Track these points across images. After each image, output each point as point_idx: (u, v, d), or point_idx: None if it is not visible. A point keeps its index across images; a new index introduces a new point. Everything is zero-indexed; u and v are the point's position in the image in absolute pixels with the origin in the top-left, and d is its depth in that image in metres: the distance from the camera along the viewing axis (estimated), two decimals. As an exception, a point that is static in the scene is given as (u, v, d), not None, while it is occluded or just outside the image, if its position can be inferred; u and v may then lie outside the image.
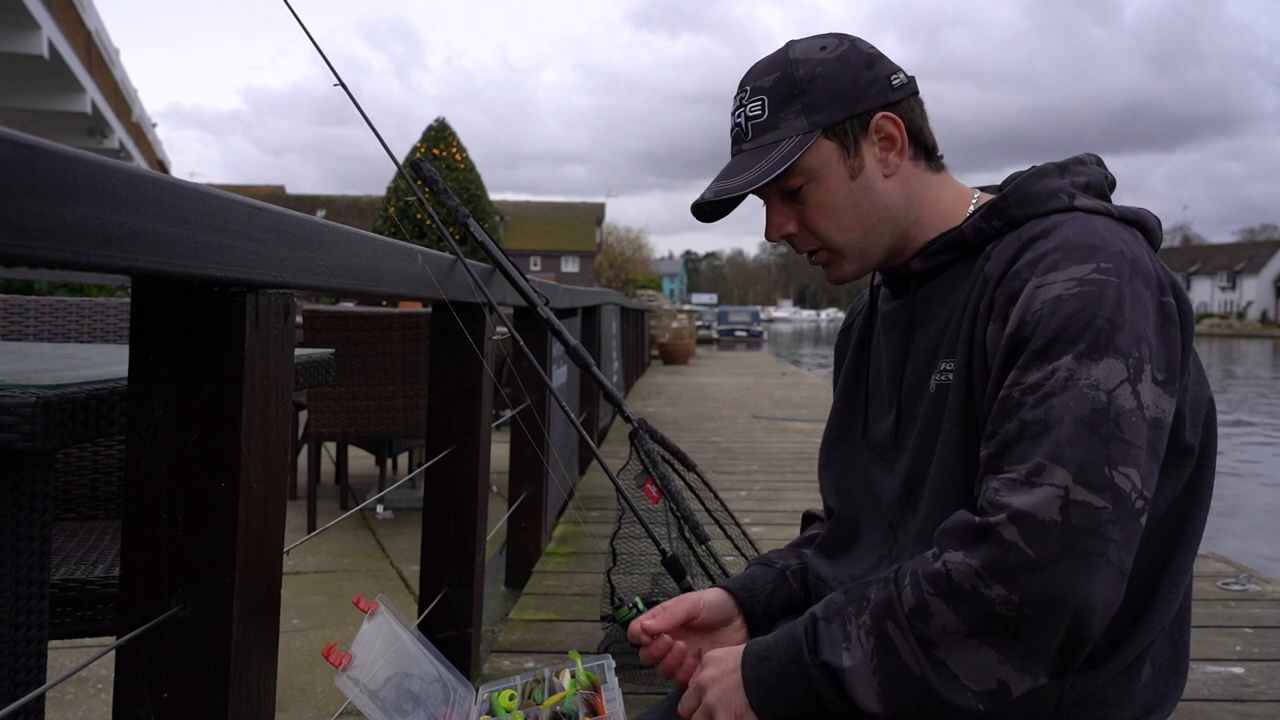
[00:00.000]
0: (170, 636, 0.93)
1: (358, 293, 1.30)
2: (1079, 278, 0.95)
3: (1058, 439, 0.89)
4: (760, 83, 1.11)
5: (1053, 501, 0.88)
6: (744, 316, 44.01)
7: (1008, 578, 0.87)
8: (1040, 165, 1.11)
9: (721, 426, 7.55)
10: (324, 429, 4.30)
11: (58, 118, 17.48)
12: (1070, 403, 0.90)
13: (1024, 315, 0.95)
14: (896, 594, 0.94)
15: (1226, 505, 7.06)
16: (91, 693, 2.55)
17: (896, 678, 0.92)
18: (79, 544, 1.71)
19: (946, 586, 0.90)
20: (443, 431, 2.07)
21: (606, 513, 3.89)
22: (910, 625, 0.92)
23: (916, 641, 0.91)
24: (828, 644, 0.96)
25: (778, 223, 1.13)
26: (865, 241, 1.12)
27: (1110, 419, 0.90)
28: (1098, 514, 0.87)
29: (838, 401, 1.28)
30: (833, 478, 1.26)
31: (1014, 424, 0.93)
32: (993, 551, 0.88)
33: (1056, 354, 0.92)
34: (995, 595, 0.88)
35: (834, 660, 0.95)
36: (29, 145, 0.59)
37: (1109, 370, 0.91)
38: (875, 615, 0.94)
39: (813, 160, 1.09)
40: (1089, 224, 1.00)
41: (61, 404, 0.96)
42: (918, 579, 0.93)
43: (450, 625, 2.05)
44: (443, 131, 15.41)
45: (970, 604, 0.89)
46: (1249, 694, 2.25)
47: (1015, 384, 0.94)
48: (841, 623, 0.97)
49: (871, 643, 0.94)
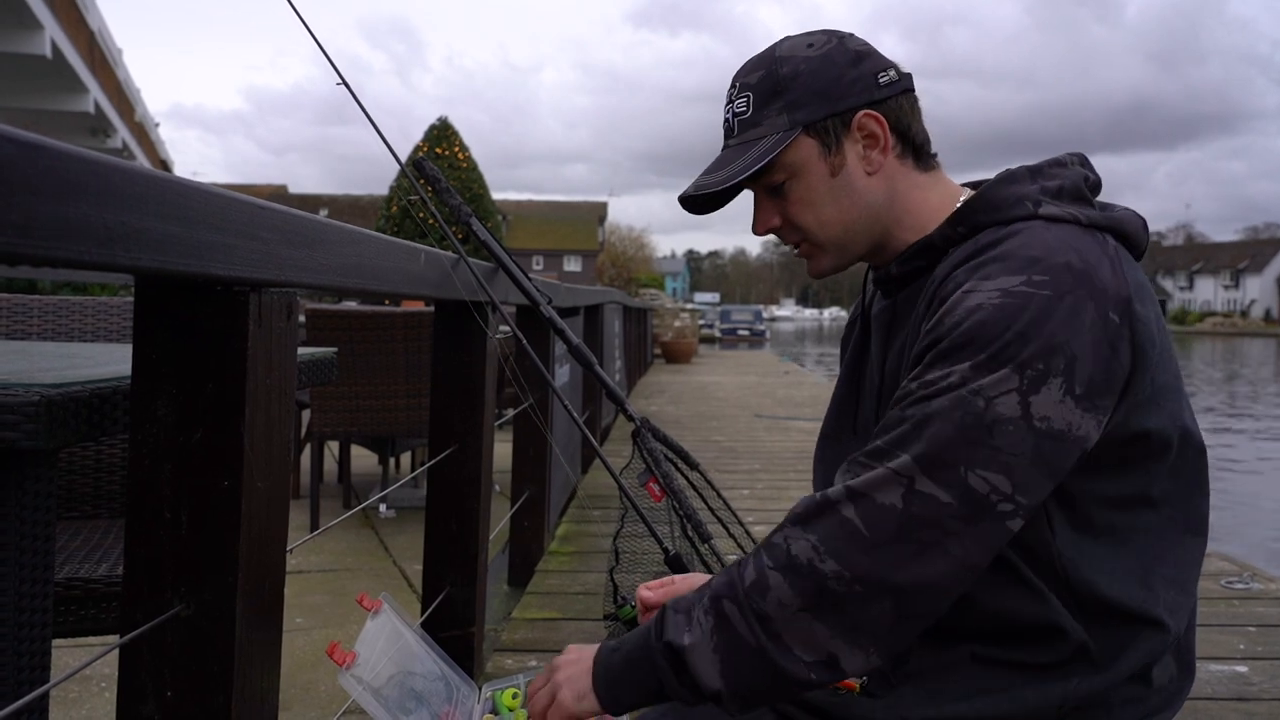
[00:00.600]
0: (173, 635, 0.93)
1: (360, 292, 1.31)
2: (1005, 289, 0.94)
3: (919, 433, 0.92)
4: (747, 79, 1.13)
5: (893, 486, 0.91)
6: (746, 315, 43.95)
7: (841, 554, 0.91)
8: (1013, 169, 1.10)
9: (724, 425, 7.55)
10: (327, 428, 4.30)
11: (60, 117, 17.49)
12: (946, 404, 0.92)
13: (942, 318, 0.97)
14: (738, 574, 0.97)
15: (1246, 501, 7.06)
16: (95, 691, 2.55)
17: (735, 652, 0.95)
18: (82, 543, 1.71)
19: (785, 560, 0.94)
20: (445, 430, 2.07)
21: (609, 511, 3.88)
22: (748, 600, 0.95)
23: (754, 617, 0.94)
24: (671, 627, 0.99)
25: (763, 217, 1.16)
26: (844, 237, 1.13)
27: (983, 425, 0.91)
28: (941, 508, 0.91)
29: (834, 397, 1.29)
30: (823, 474, 1.26)
31: (894, 415, 0.96)
32: (829, 527, 0.93)
33: (956, 360, 0.94)
34: (828, 569, 0.92)
35: (675, 639, 0.98)
36: (32, 144, 0.59)
37: (999, 380, 0.92)
38: (714, 596, 0.97)
39: (793, 157, 1.10)
40: (1042, 234, 0.99)
41: (65, 403, 0.96)
42: (758, 553, 0.97)
43: (453, 624, 2.05)
44: (445, 131, 15.42)
45: (805, 577, 0.93)
46: (1253, 692, 2.25)
47: (914, 379, 0.97)
48: (686, 608, 1.00)
49: (710, 621, 0.96)
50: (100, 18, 18.60)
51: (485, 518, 2.14)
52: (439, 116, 15.63)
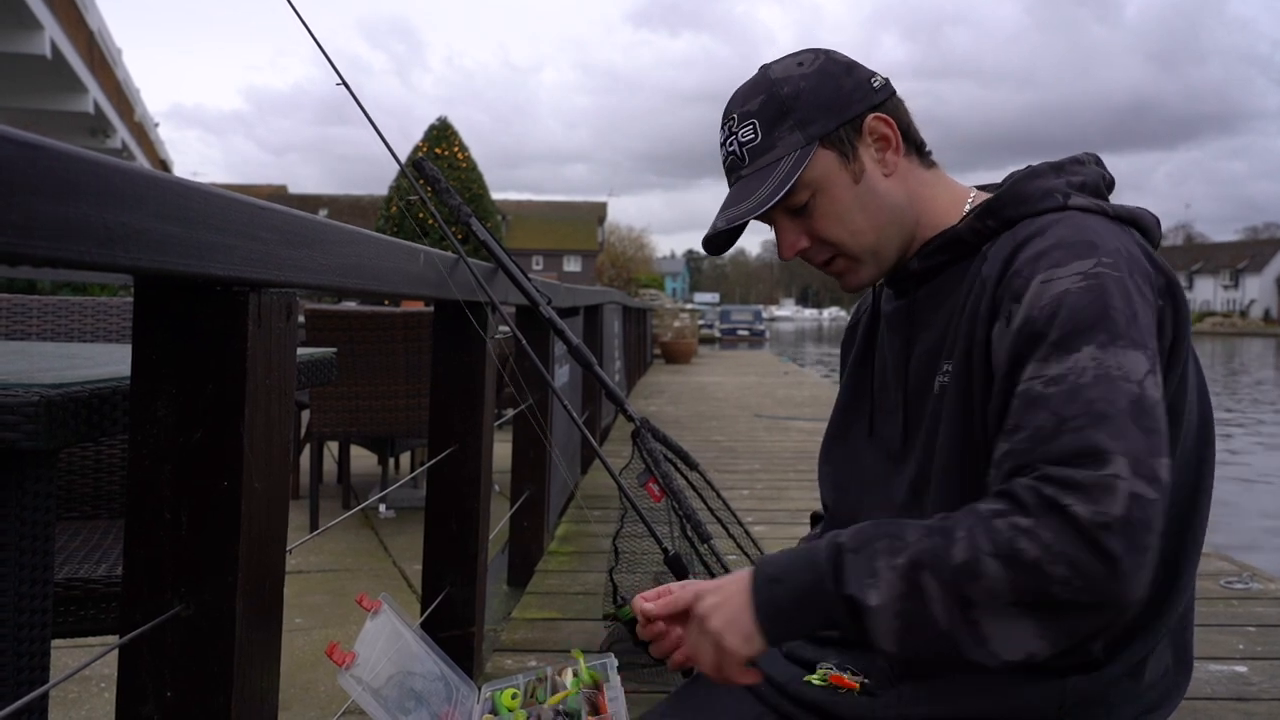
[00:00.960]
0: (173, 635, 0.93)
1: (360, 292, 1.31)
2: (1084, 271, 0.95)
3: (1108, 433, 0.86)
4: (747, 108, 1.12)
5: (1121, 496, 0.84)
6: (746, 315, 43.97)
7: (1078, 567, 0.83)
8: (1036, 165, 1.11)
9: (724, 425, 7.55)
10: (326, 428, 4.30)
11: (60, 118, 17.49)
12: (1109, 395, 0.88)
13: (1031, 310, 0.95)
14: (944, 545, 0.88)
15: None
16: (95, 691, 2.55)
17: (920, 626, 0.89)
18: (82, 543, 1.71)
19: (1010, 554, 0.85)
20: (445, 431, 2.08)
21: (609, 512, 3.88)
22: (953, 579, 0.87)
23: (955, 598, 0.87)
24: (853, 577, 0.92)
25: (789, 240, 1.14)
26: (878, 243, 1.12)
27: (1146, 410, 0.88)
28: (1150, 506, 0.85)
29: (841, 400, 1.28)
30: (832, 475, 1.26)
31: (1049, 418, 0.89)
32: (1066, 535, 0.84)
33: (1076, 345, 0.91)
34: (1057, 575, 0.84)
35: (858, 594, 0.91)
36: (32, 144, 0.59)
37: (1134, 361, 0.90)
38: (912, 561, 0.89)
39: (815, 172, 1.09)
40: (1084, 222, 1.01)
41: (64, 403, 0.96)
42: (974, 535, 0.87)
43: (453, 624, 2.05)
44: (445, 131, 15.42)
45: (1029, 575, 0.85)
46: (1252, 692, 2.25)
47: (1036, 377, 0.92)
48: (869, 557, 0.92)
49: (902, 587, 0.89)
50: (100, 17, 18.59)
51: (485, 518, 2.14)
52: (439, 116, 15.63)
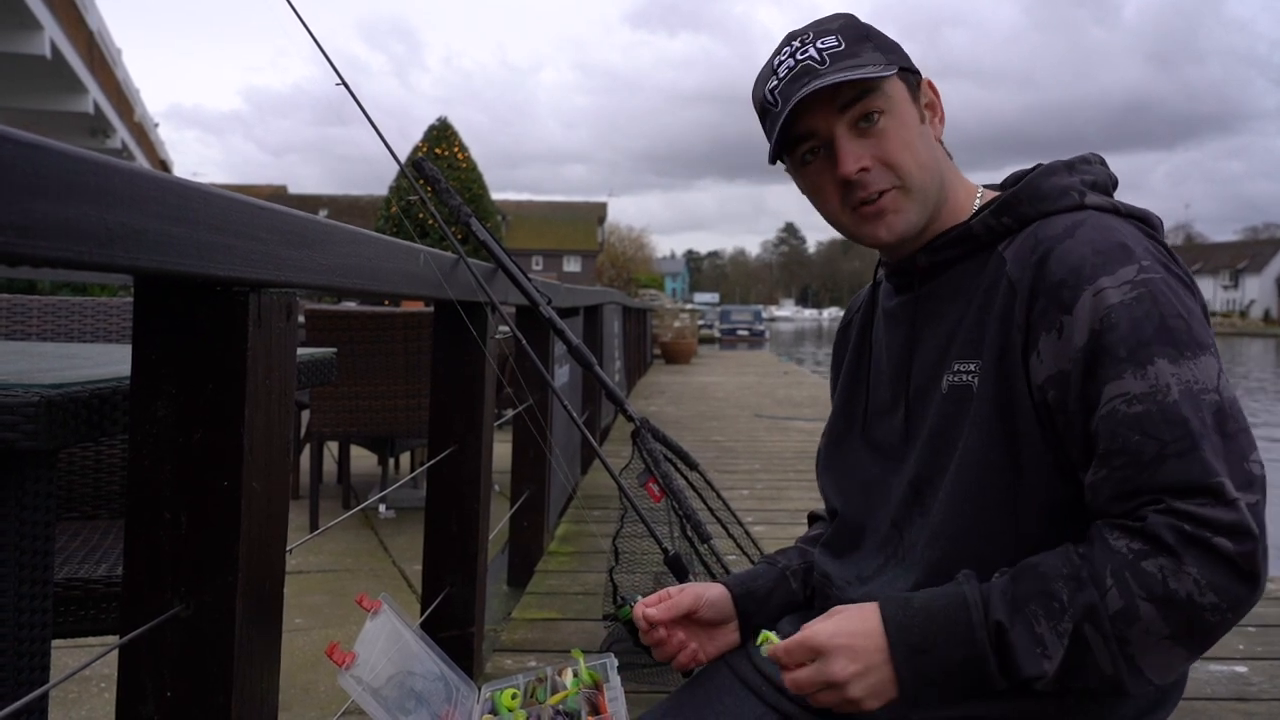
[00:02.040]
0: (173, 636, 0.93)
1: (360, 292, 1.31)
2: (1131, 280, 0.96)
3: (1211, 453, 0.91)
4: (827, 26, 1.10)
5: (1243, 513, 0.89)
6: (746, 315, 43.95)
7: (1224, 590, 0.89)
8: (1048, 163, 1.11)
9: (724, 425, 7.55)
10: (326, 428, 4.30)
11: (60, 118, 17.49)
12: (1197, 412, 0.92)
13: (1092, 325, 0.95)
14: (1099, 596, 0.91)
15: None
16: (95, 692, 2.55)
17: (1085, 673, 0.92)
18: (82, 543, 1.71)
19: (1164, 594, 0.89)
20: (445, 431, 2.07)
21: (609, 512, 3.88)
22: (1113, 628, 0.90)
23: (1118, 644, 0.91)
24: (1025, 659, 0.92)
25: (855, 153, 1.06)
26: (931, 188, 1.09)
27: (1228, 413, 0.93)
28: (1257, 507, 0.91)
29: (839, 401, 1.27)
30: (834, 480, 1.25)
31: (1147, 442, 0.92)
32: (1211, 564, 0.88)
33: (1149, 358, 0.93)
34: (1208, 603, 0.89)
35: (1033, 670, 0.92)
36: (32, 145, 0.59)
37: (1206, 366, 0.94)
38: (1075, 621, 0.91)
39: (894, 90, 1.08)
40: (1107, 223, 1.01)
41: (64, 403, 0.96)
42: (1125, 581, 0.90)
43: (453, 624, 2.05)
44: (444, 131, 15.42)
45: (1183, 610, 0.89)
46: (1252, 693, 2.25)
47: (1119, 396, 0.93)
48: (1028, 624, 0.93)
49: (1066, 644, 0.92)
50: (99, 18, 18.59)
51: (485, 518, 2.14)
52: (438, 117, 15.63)
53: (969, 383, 1.04)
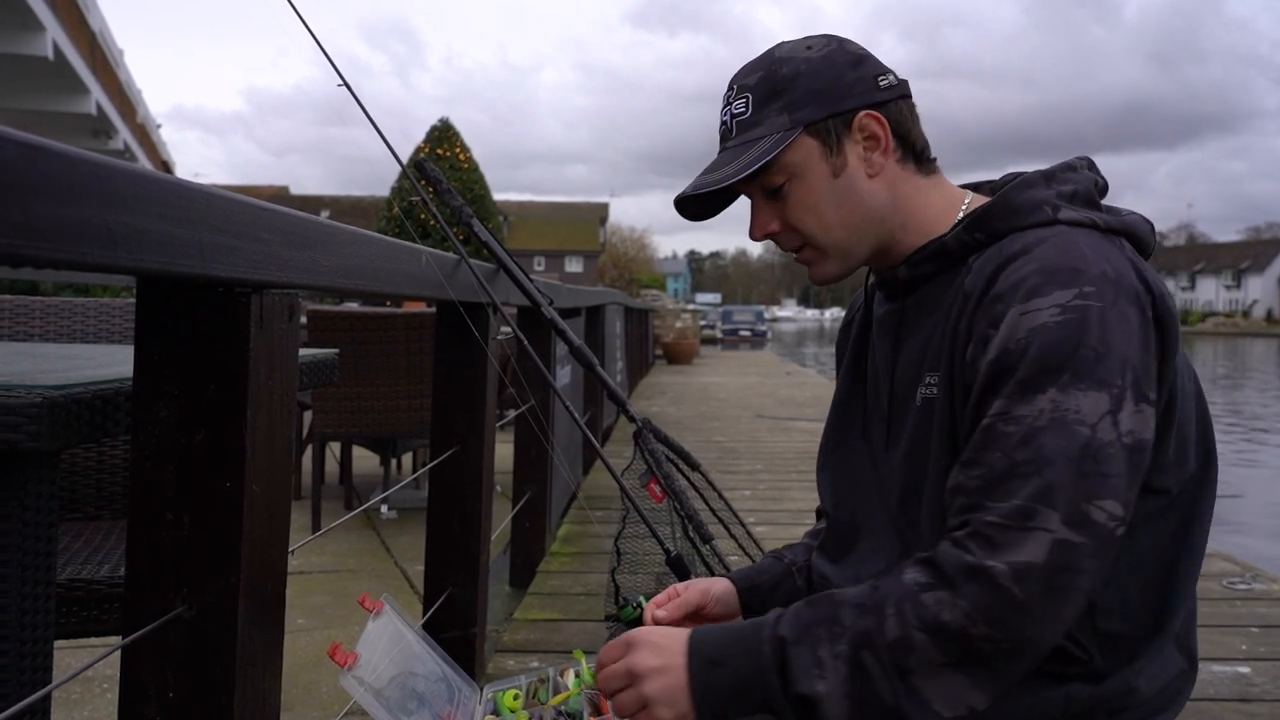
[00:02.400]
0: (175, 636, 0.93)
1: (362, 293, 1.31)
2: (1061, 304, 0.94)
3: (1050, 482, 0.91)
4: (746, 81, 1.12)
5: (1043, 545, 0.90)
6: (748, 316, 43.91)
7: (995, 619, 0.90)
8: (1027, 174, 1.10)
9: (725, 426, 7.55)
10: (328, 429, 4.30)
11: (62, 119, 17.51)
12: (1060, 441, 0.91)
13: (1007, 344, 0.95)
14: (877, 624, 0.94)
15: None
16: (97, 692, 2.56)
17: (869, 704, 0.94)
18: (84, 544, 1.71)
19: (935, 624, 0.92)
20: (447, 431, 2.08)
21: (611, 512, 3.88)
22: (890, 656, 0.93)
23: (896, 673, 0.93)
24: (800, 674, 0.95)
25: (760, 221, 1.14)
26: (848, 241, 1.12)
27: (1092, 454, 0.91)
28: (1077, 550, 0.90)
29: (836, 403, 1.27)
30: (830, 480, 1.25)
31: (1001, 459, 0.93)
32: (985, 595, 0.90)
33: (1041, 386, 0.93)
34: (979, 634, 0.91)
35: (807, 690, 0.95)
36: (34, 146, 0.59)
37: (1093, 403, 0.92)
38: (852, 644, 0.94)
39: (794, 157, 1.08)
40: (1071, 241, 0.99)
41: (67, 404, 0.97)
42: (903, 611, 0.93)
43: (455, 625, 2.05)
44: (446, 132, 15.43)
45: (956, 642, 0.91)
46: (1255, 693, 2.25)
47: (1001, 414, 0.95)
48: (812, 646, 0.96)
49: (845, 670, 0.94)
50: (102, 19, 18.61)
51: (487, 518, 2.14)
52: (440, 117, 15.66)
53: (934, 395, 1.05)
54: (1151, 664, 1.03)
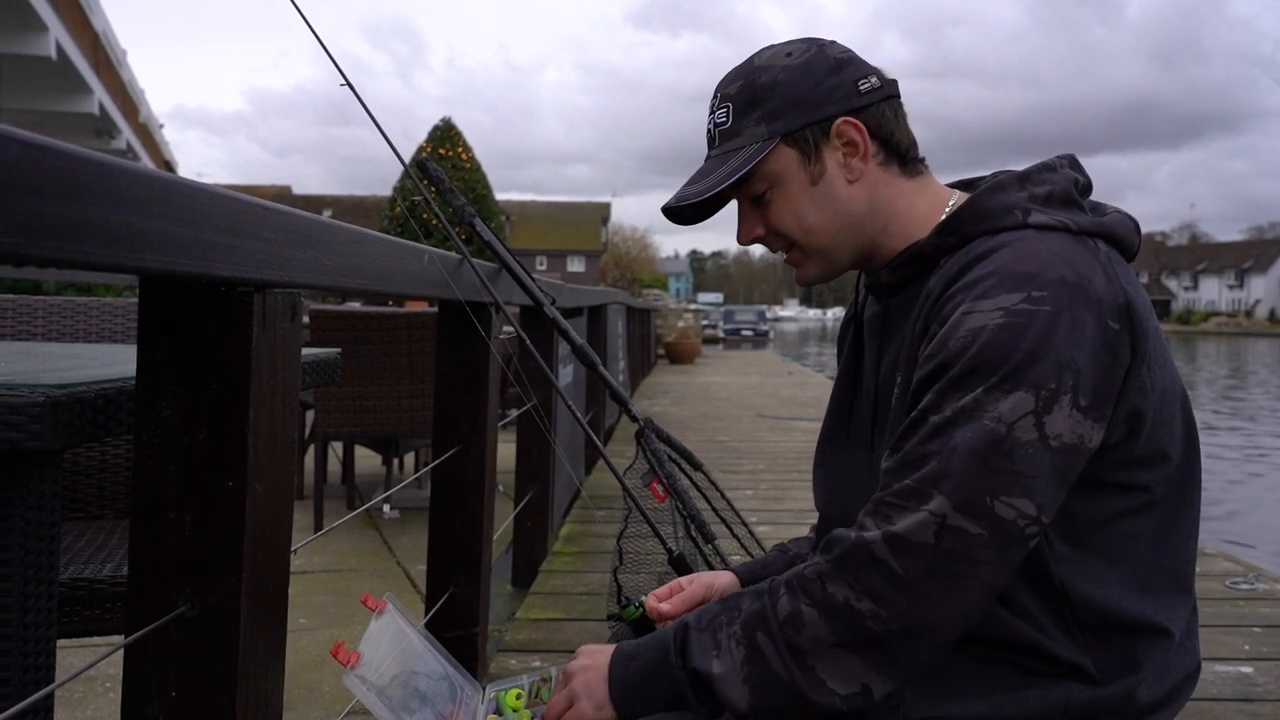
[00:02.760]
0: (178, 636, 0.93)
1: (364, 292, 1.31)
2: (1006, 308, 0.94)
3: (947, 468, 0.93)
4: (727, 90, 1.14)
5: (927, 525, 0.92)
6: (750, 315, 43.91)
7: (877, 594, 0.93)
8: (1002, 176, 1.09)
9: (727, 426, 7.55)
10: (331, 428, 4.30)
11: (65, 119, 17.53)
12: (968, 434, 0.93)
13: (946, 341, 0.96)
14: (771, 604, 0.98)
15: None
16: (100, 691, 2.56)
17: (766, 683, 0.97)
18: (87, 543, 1.71)
19: (821, 598, 0.96)
20: (449, 431, 2.08)
21: (613, 512, 3.88)
22: (782, 633, 0.97)
23: (787, 650, 0.96)
24: (697, 651, 1.00)
25: (746, 227, 1.16)
26: (829, 246, 1.13)
27: (1003, 451, 0.92)
28: (972, 540, 0.92)
29: (832, 401, 1.28)
30: (823, 477, 1.26)
31: (915, 447, 0.96)
32: (864, 568, 0.94)
33: (970, 385, 0.94)
34: (865, 609, 0.94)
35: (702, 667, 0.99)
36: (37, 145, 0.59)
37: (1016, 404, 0.92)
38: (746, 625, 0.99)
39: (773, 166, 1.10)
40: (1034, 246, 0.99)
41: (69, 404, 0.97)
42: (794, 588, 0.98)
43: (457, 624, 2.05)
44: (449, 131, 15.45)
45: (841, 616, 0.94)
46: (1258, 693, 2.25)
47: (928, 408, 0.96)
48: (712, 631, 1.01)
49: (742, 652, 0.98)
50: (105, 19, 18.63)
51: (489, 518, 2.15)
52: (442, 117, 15.67)
53: (903, 395, 1.06)
54: (1154, 664, 1.03)
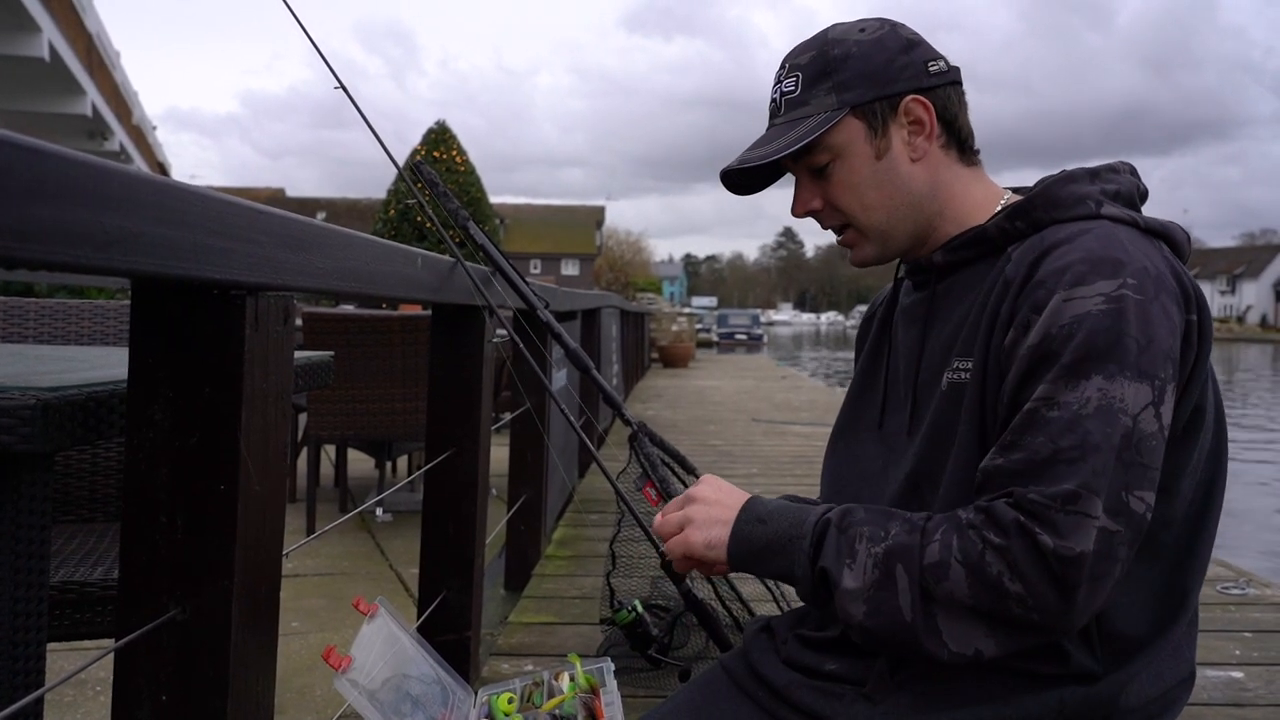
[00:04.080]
0: (169, 639, 0.93)
1: (357, 295, 1.31)
2: (1105, 294, 0.95)
3: (1093, 468, 0.91)
4: (798, 60, 1.13)
5: (1089, 532, 0.91)
6: (744, 319, 43.92)
7: (1032, 586, 0.91)
8: (1072, 170, 1.10)
9: (721, 430, 7.55)
10: (323, 431, 4.29)
11: (58, 120, 17.48)
12: (1104, 429, 0.92)
13: (1050, 329, 0.95)
14: (920, 543, 0.96)
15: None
16: (90, 695, 2.55)
17: (884, 613, 0.97)
18: (78, 546, 1.71)
19: (976, 562, 0.93)
20: (442, 434, 2.07)
21: (606, 516, 3.88)
22: (921, 576, 0.95)
23: (920, 593, 0.95)
24: (831, 553, 1.00)
25: (803, 197, 1.15)
26: (888, 224, 1.12)
27: (1134, 445, 0.92)
28: (1114, 537, 0.91)
29: (851, 391, 1.27)
30: (834, 467, 1.25)
31: (1045, 443, 0.93)
32: (1029, 557, 0.91)
33: (1086, 372, 0.93)
34: (1014, 591, 0.92)
35: (834, 571, 0.99)
36: (30, 148, 0.59)
37: (1137, 394, 0.93)
38: (889, 552, 0.97)
39: (839, 138, 1.09)
40: (1113, 234, 1.00)
41: (61, 406, 0.96)
42: (949, 540, 0.95)
43: (449, 628, 2.05)
44: (443, 134, 15.44)
45: (989, 588, 0.93)
46: (1248, 698, 2.25)
47: (1045, 399, 0.95)
48: (852, 539, 1.00)
49: (876, 575, 0.97)
50: (99, 20, 18.59)
51: (482, 522, 2.14)
52: (437, 120, 15.66)
53: (964, 380, 1.05)
54: (1148, 670, 1.03)
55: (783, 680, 1.14)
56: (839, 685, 1.09)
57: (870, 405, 1.22)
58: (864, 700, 1.07)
